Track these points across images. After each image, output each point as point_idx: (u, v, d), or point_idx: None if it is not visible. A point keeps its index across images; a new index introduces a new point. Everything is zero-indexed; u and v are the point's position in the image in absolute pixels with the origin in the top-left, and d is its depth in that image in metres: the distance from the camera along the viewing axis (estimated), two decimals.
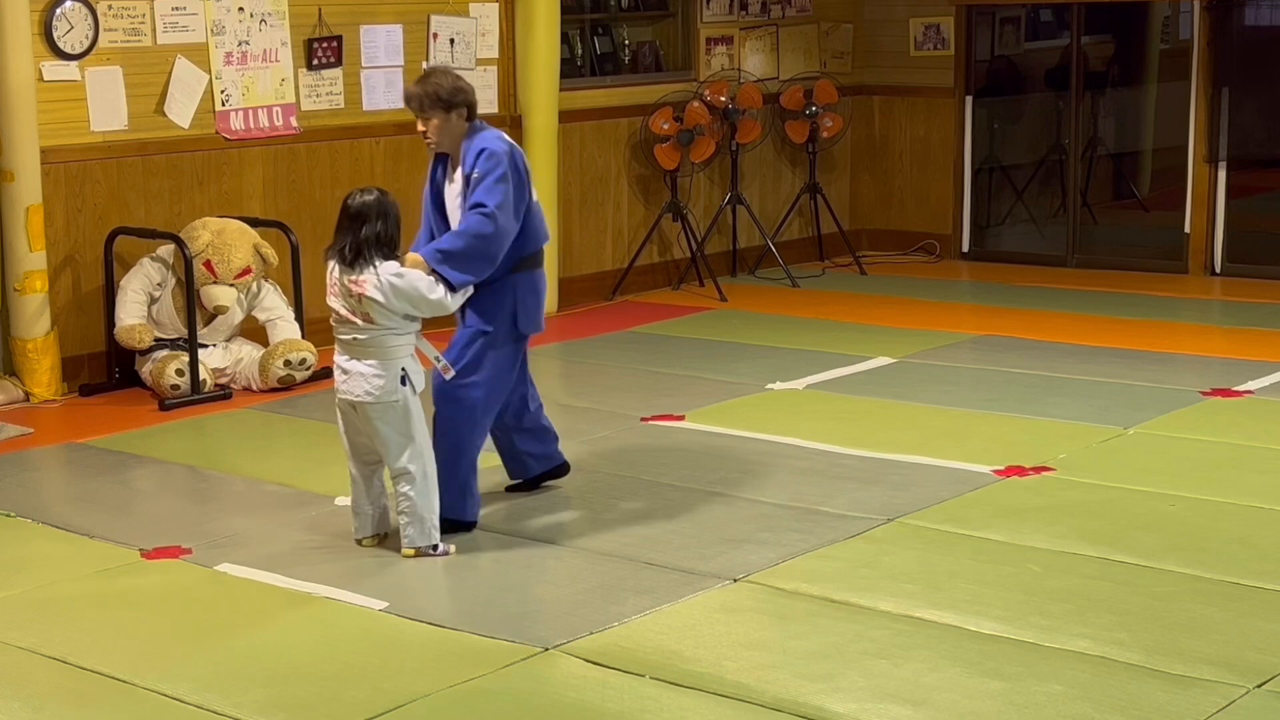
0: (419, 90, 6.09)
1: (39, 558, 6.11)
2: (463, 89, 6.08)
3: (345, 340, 5.89)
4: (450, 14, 10.04)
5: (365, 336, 5.84)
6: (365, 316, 5.81)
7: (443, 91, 6.05)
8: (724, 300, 10.75)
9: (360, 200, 5.84)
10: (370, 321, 5.81)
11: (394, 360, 5.85)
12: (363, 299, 5.78)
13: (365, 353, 5.85)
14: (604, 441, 7.47)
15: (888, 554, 5.92)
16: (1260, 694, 4.70)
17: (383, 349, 5.84)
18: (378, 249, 5.79)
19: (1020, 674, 4.85)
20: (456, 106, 6.06)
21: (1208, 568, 5.72)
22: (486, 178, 5.98)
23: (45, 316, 8.39)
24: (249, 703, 4.77)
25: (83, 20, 8.53)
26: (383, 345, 5.84)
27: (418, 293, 5.81)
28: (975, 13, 12.21)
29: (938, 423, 7.69)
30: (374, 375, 5.84)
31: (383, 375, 5.84)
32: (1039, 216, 12.94)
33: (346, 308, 5.83)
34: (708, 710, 4.67)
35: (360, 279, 5.78)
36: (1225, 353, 9.15)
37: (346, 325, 5.86)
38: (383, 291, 5.77)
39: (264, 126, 9.25)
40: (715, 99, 11.15)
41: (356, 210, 5.82)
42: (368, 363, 5.85)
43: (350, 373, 5.88)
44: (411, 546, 5.93)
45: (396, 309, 5.81)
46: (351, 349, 5.88)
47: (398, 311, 5.82)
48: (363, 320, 5.82)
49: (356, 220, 5.81)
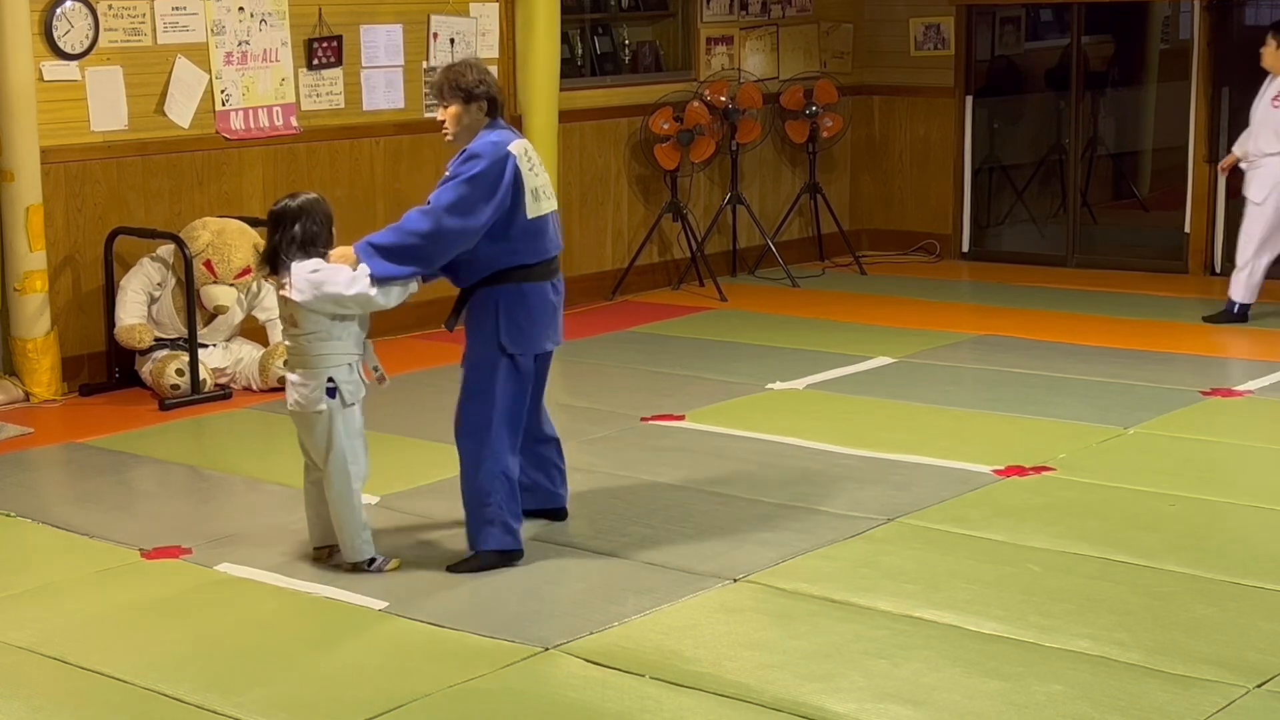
0: (441, 77, 5.87)
1: (39, 558, 6.12)
2: (486, 81, 5.84)
3: (286, 349, 5.86)
4: (450, 14, 10.04)
5: (293, 344, 5.75)
6: (290, 320, 5.70)
7: (464, 81, 5.80)
8: (724, 300, 10.76)
9: (281, 205, 5.72)
10: (296, 325, 5.68)
11: (320, 369, 5.69)
12: (286, 300, 5.68)
13: (294, 360, 5.77)
14: (604, 441, 7.47)
15: (888, 554, 5.92)
16: (1260, 694, 4.70)
17: (309, 356, 5.70)
18: (295, 249, 5.65)
19: (1020, 674, 4.85)
20: (477, 99, 5.81)
21: (1208, 568, 5.72)
22: (455, 177, 5.69)
23: (45, 316, 8.39)
24: (249, 703, 4.77)
25: (83, 20, 8.53)
26: (309, 353, 5.70)
27: (335, 286, 5.59)
28: (975, 13, 12.21)
29: (938, 423, 7.69)
30: (300, 384, 5.73)
31: (307, 384, 5.71)
32: (1039, 216, 12.95)
33: (280, 314, 5.78)
34: (708, 710, 4.67)
35: (285, 281, 5.67)
36: (1225, 353, 9.15)
37: (284, 333, 5.80)
38: (300, 290, 5.63)
39: (264, 126, 9.25)
40: (715, 99, 11.15)
41: (277, 215, 5.70)
42: (297, 372, 5.75)
43: (287, 382, 5.82)
44: (347, 560, 5.85)
45: (320, 308, 5.63)
46: (290, 357, 5.82)
47: (323, 311, 5.64)
48: (288, 325, 5.72)
49: (275, 225, 5.70)
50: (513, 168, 5.73)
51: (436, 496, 6.65)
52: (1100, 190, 13.35)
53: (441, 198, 5.65)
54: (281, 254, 5.67)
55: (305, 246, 5.66)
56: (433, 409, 7.87)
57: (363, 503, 5.89)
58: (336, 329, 5.68)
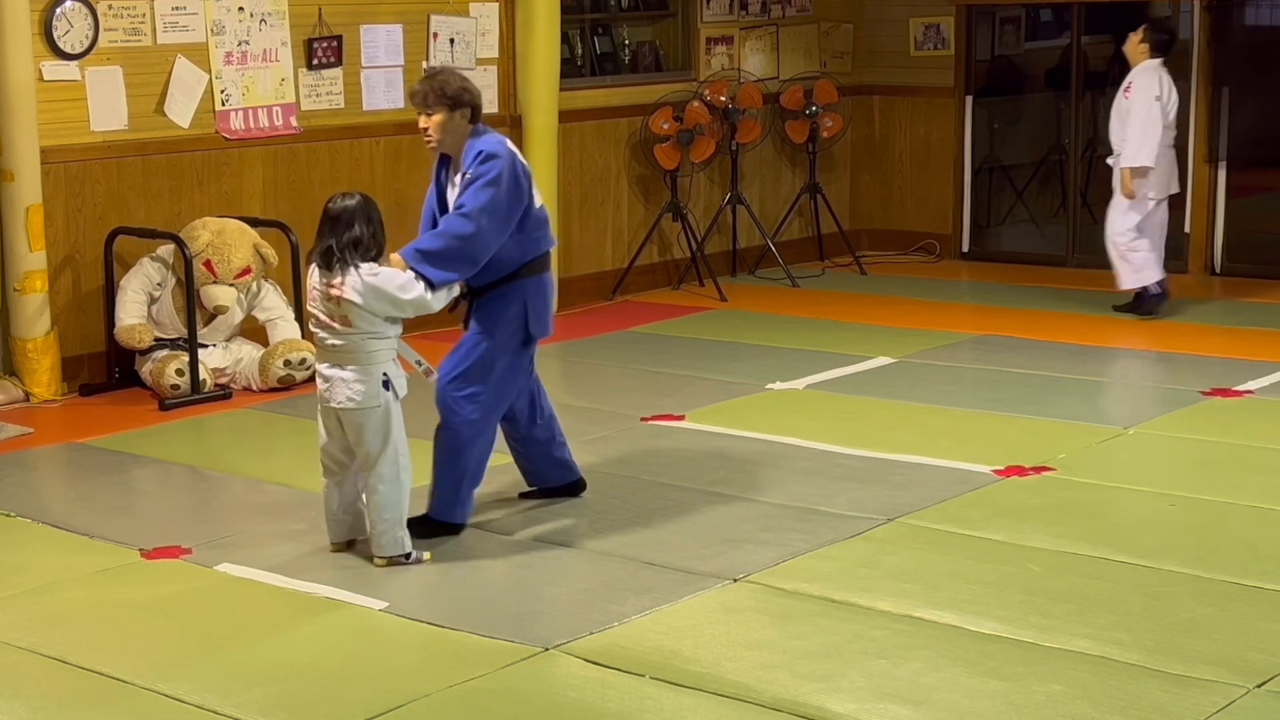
0: (425, 86, 6.04)
1: (39, 558, 6.11)
2: (469, 90, 6.03)
3: (326, 346, 5.84)
4: (450, 14, 10.04)
5: (344, 342, 5.78)
6: (343, 320, 5.74)
7: (449, 88, 5.99)
8: (724, 300, 10.75)
9: (341, 204, 5.77)
10: (348, 325, 5.75)
11: (375, 365, 5.79)
12: (340, 301, 5.73)
13: (346, 358, 5.79)
14: (604, 441, 7.47)
15: (888, 554, 5.92)
16: (1260, 694, 4.70)
17: (363, 354, 5.78)
18: (357, 252, 5.71)
19: (1020, 674, 4.85)
20: (461, 106, 6.00)
21: (1208, 568, 5.72)
22: (478, 180, 5.91)
23: (45, 316, 8.39)
24: (249, 703, 4.77)
25: (83, 20, 8.53)
26: (362, 350, 5.77)
27: (393, 290, 5.74)
28: (975, 13, 12.21)
29: (938, 423, 7.69)
30: (355, 381, 5.78)
31: (364, 381, 5.78)
32: (1039, 216, 12.94)
33: (325, 312, 5.78)
34: (708, 710, 4.67)
35: (338, 281, 5.72)
36: (1225, 353, 9.15)
37: (326, 330, 5.80)
38: (359, 292, 5.70)
39: (264, 126, 9.25)
40: (715, 99, 11.15)
41: (336, 214, 5.75)
42: (349, 369, 5.79)
43: (331, 379, 5.82)
44: (383, 555, 5.88)
45: (376, 310, 5.74)
46: (332, 355, 5.82)
47: (378, 313, 5.75)
48: (341, 324, 5.76)
49: (336, 224, 5.74)
50: (522, 162, 6.07)
51: None
52: (1100, 190, 13.28)
53: (476, 200, 5.90)
54: (337, 254, 5.72)
55: (364, 250, 5.73)
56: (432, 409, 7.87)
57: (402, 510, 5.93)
58: (388, 327, 5.81)
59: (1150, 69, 9.88)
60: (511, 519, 6.39)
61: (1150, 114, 9.77)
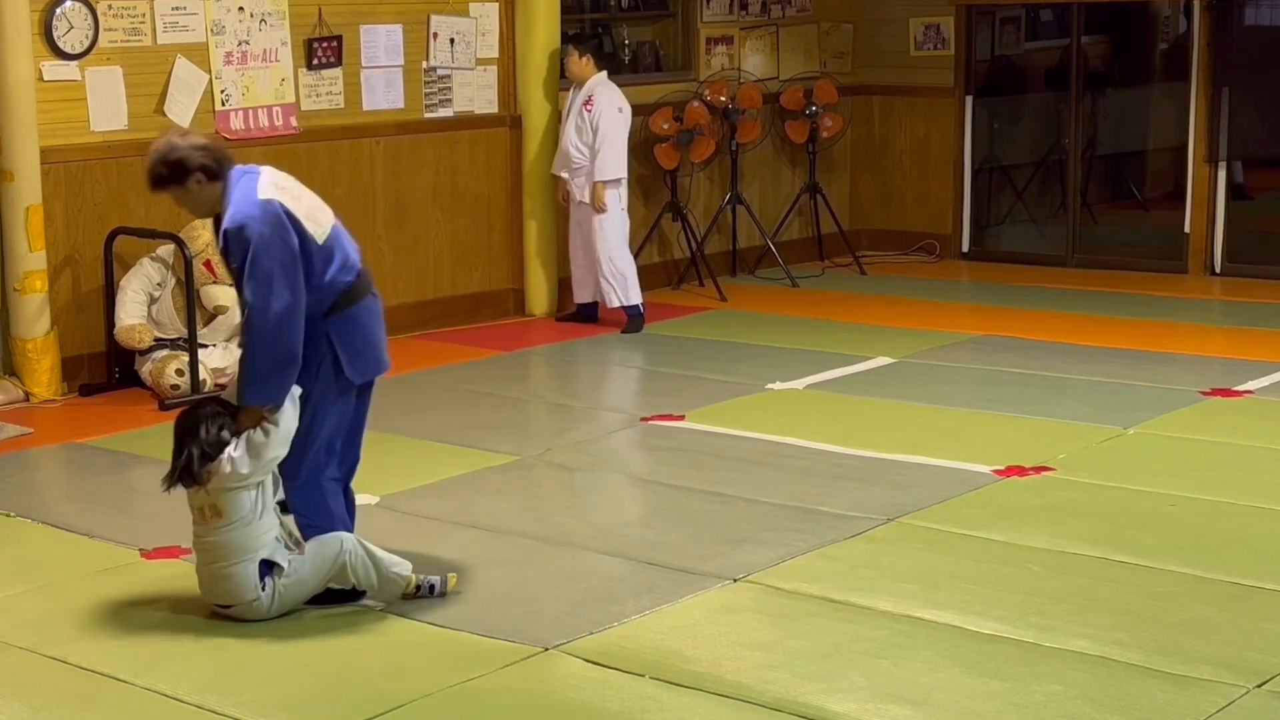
0: (148, 169, 5.39)
1: (39, 558, 6.11)
2: (182, 158, 5.31)
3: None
4: (450, 14, 10.04)
5: (213, 538, 5.32)
6: (213, 510, 5.29)
7: (163, 169, 5.33)
8: (724, 300, 10.75)
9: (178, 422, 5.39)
10: (220, 516, 5.28)
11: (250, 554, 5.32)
12: (208, 491, 5.27)
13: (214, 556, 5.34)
14: (604, 441, 7.47)
15: (888, 554, 5.92)
16: (1260, 694, 4.70)
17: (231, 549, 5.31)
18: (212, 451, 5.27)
19: (1020, 674, 4.85)
20: (192, 172, 5.33)
21: (1208, 568, 5.72)
22: (242, 269, 5.26)
23: (45, 316, 8.39)
24: (249, 703, 4.77)
25: (83, 20, 8.52)
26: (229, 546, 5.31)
27: (262, 440, 5.25)
28: (975, 13, 12.21)
29: (938, 423, 7.69)
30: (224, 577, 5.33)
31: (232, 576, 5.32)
32: (1039, 216, 12.94)
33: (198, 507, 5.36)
34: (708, 710, 4.67)
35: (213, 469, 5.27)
36: (1225, 353, 9.15)
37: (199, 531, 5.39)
38: (241, 463, 5.24)
39: (264, 126, 9.25)
40: (715, 99, 11.15)
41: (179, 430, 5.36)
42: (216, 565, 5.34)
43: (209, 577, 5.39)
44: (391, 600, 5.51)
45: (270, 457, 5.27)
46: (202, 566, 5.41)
47: (263, 471, 5.28)
48: (210, 516, 5.30)
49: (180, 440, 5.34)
50: (279, 211, 5.30)
51: (437, 496, 6.66)
52: (1100, 190, 13.34)
53: (254, 294, 5.24)
54: (195, 467, 5.27)
55: (214, 446, 5.30)
56: (433, 409, 7.88)
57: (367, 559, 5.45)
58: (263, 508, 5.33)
59: (604, 81, 9.91)
60: (511, 519, 6.38)
61: (618, 126, 9.83)
